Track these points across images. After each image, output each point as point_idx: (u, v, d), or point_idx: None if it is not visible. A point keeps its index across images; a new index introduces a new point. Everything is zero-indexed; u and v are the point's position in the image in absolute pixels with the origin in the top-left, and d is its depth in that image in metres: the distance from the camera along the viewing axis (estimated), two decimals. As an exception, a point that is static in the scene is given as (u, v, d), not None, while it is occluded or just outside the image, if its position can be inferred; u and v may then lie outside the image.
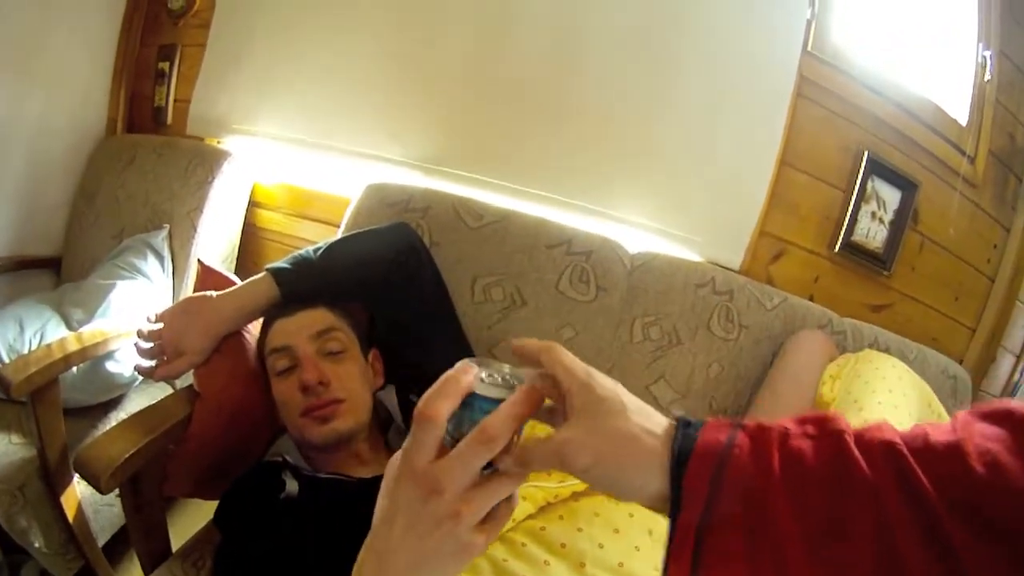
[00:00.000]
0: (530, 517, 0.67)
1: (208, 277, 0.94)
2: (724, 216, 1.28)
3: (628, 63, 1.25)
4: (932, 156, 1.50)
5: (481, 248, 1.03)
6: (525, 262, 1.02)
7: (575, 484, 0.72)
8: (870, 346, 1.16)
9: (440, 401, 0.37)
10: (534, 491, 0.69)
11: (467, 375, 0.38)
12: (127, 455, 0.76)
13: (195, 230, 1.31)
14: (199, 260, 0.95)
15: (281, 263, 0.88)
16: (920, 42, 1.51)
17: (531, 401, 0.38)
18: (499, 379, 0.38)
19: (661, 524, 0.61)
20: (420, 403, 0.37)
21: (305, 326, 0.82)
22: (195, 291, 0.96)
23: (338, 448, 0.79)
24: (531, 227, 1.06)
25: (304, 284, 0.86)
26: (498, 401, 0.37)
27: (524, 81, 1.26)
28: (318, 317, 0.84)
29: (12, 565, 1.23)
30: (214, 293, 0.86)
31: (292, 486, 0.73)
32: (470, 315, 1.02)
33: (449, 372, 0.38)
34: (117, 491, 1.13)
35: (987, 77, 1.61)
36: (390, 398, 0.91)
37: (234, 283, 0.94)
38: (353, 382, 0.82)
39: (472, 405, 0.37)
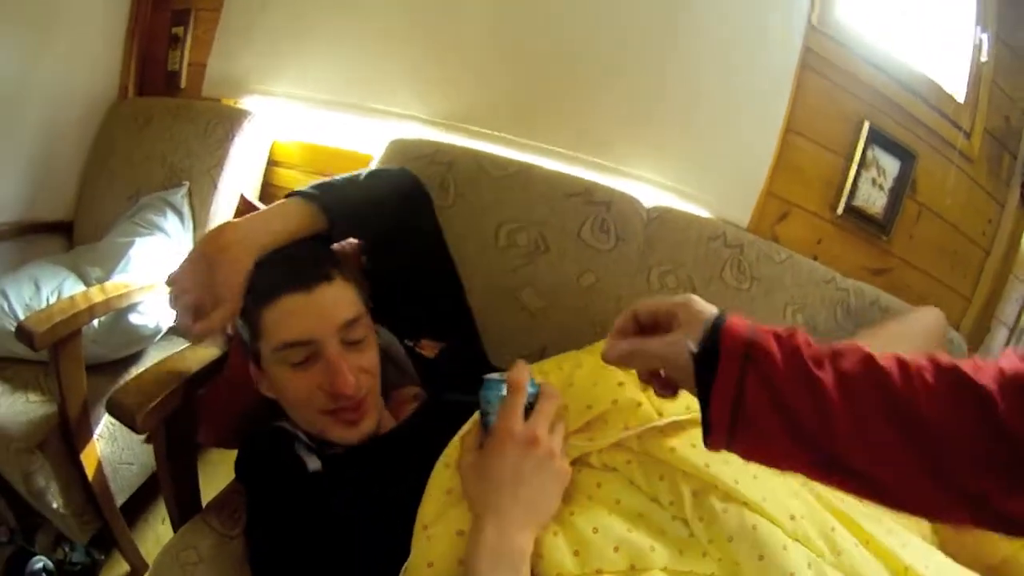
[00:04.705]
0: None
1: (248, 212, 0.93)
2: (733, 177, 1.34)
3: (643, 35, 1.30)
4: (929, 129, 1.55)
5: (504, 196, 1.06)
6: (547, 210, 1.05)
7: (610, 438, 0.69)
8: (871, 305, 1.21)
9: (524, 372, 0.54)
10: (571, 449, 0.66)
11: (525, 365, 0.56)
12: (163, 394, 0.75)
13: (215, 187, 1.32)
14: (241, 195, 0.95)
15: (305, 188, 0.75)
16: (920, 20, 1.56)
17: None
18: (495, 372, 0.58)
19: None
20: (512, 373, 0.54)
21: (329, 313, 0.67)
22: None
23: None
24: (552, 178, 1.09)
25: (346, 211, 0.74)
26: (502, 382, 0.55)
27: (545, 42, 1.29)
28: (340, 296, 0.69)
29: (26, 530, 1.21)
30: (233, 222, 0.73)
31: (314, 464, 0.67)
32: (496, 260, 1.04)
33: (517, 362, 0.56)
34: (142, 440, 1.15)
35: (984, 58, 1.66)
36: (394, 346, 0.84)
37: None
38: (375, 370, 0.71)
39: (493, 386, 0.55)
